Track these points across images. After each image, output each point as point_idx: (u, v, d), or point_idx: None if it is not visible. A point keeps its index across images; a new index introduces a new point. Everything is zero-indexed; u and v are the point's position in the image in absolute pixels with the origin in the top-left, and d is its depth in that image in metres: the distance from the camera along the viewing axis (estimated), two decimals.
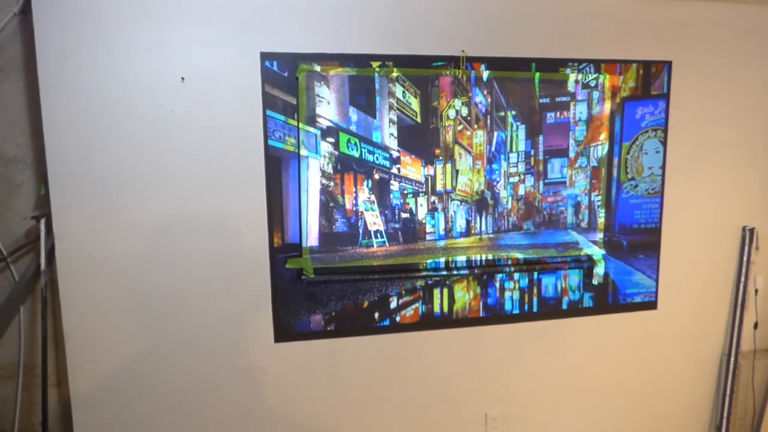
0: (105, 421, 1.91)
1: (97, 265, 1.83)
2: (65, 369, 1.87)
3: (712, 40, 2.24)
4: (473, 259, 2.13)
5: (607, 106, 2.16)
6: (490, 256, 2.15)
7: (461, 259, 2.12)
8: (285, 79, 1.88)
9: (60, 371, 1.97)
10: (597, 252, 2.25)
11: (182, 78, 1.81)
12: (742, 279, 2.41)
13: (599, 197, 2.22)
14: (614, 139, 2.20)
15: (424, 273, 2.09)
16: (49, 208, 1.78)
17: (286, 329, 2.00)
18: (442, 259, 2.10)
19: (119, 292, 1.86)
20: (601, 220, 2.23)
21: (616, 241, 2.27)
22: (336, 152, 1.95)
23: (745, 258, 2.40)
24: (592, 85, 2.14)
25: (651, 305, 2.35)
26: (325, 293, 2.02)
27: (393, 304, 2.09)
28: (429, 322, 2.13)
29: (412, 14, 1.95)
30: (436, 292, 2.12)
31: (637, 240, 2.29)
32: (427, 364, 2.17)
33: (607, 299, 2.29)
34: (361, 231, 2.01)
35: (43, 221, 1.82)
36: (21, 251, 1.90)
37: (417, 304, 2.11)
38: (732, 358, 2.44)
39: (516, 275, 2.19)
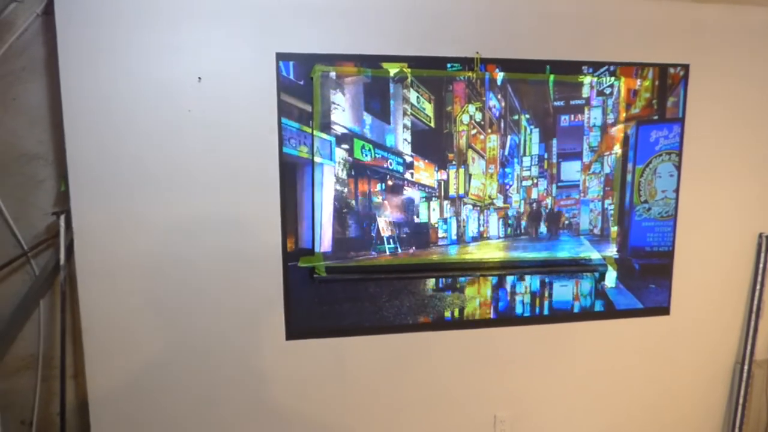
0: (121, 415, 1.95)
1: (115, 261, 1.86)
2: (83, 361, 1.92)
3: (731, 43, 2.20)
4: (484, 263, 2.14)
5: (622, 117, 2.15)
6: (502, 261, 2.15)
7: (473, 262, 2.13)
8: (300, 87, 1.90)
9: (78, 363, 2.01)
10: (610, 269, 2.25)
11: (199, 78, 1.84)
12: (758, 287, 2.38)
13: (612, 205, 2.20)
14: (627, 160, 2.19)
15: (435, 274, 2.10)
16: (69, 204, 1.82)
17: (297, 327, 2.03)
18: (454, 262, 2.11)
19: (136, 288, 1.90)
20: (614, 229, 2.22)
21: (628, 264, 2.26)
22: (350, 158, 1.97)
23: (761, 265, 2.36)
24: (607, 92, 2.12)
25: (663, 311, 2.33)
26: (337, 292, 2.04)
27: (404, 305, 2.10)
28: (439, 323, 2.15)
29: (426, 16, 1.95)
30: (447, 294, 2.13)
31: (650, 264, 2.28)
32: (437, 365, 2.18)
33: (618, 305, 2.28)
34: (374, 236, 2.03)
35: (62, 217, 1.86)
36: (41, 246, 1.94)
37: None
38: (746, 367, 2.41)
39: (527, 278, 2.18)
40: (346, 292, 2.04)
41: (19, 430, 2.02)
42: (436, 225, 2.08)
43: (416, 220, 2.06)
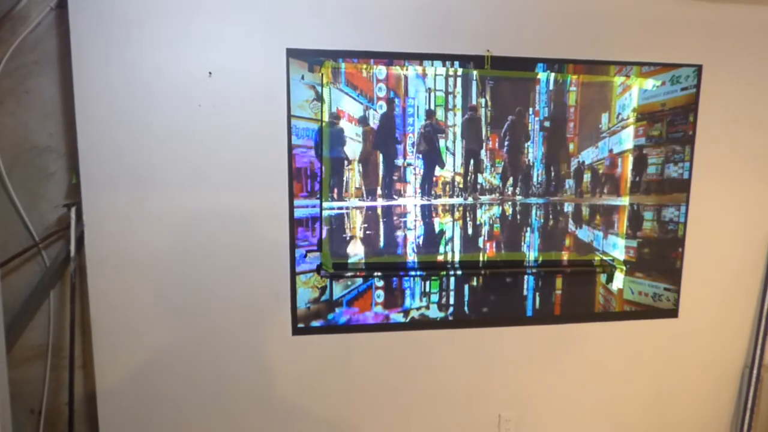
0: (129, 405, 1.97)
1: (125, 253, 1.88)
2: (92, 352, 1.94)
3: (746, 44, 2.17)
4: (491, 262, 2.13)
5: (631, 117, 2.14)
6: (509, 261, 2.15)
7: (480, 259, 2.12)
8: (310, 82, 1.90)
9: (86, 354, 2.03)
10: (619, 263, 2.23)
11: (209, 73, 1.84)
12: None
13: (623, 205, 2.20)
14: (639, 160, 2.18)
15: (443, 272, 2.10)
16: (80, 197, 1.84)
17: (303, 323, 2.03)
18: (461, 260, 2.11)
19: (145, 281, 1.91)
20: (623, 229, 2.21)
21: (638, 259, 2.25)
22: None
23: None
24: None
25: (672, 313, 2.31)
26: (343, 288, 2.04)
27: (410, 302, 2.10)
28: (445, 321, 2.14)
29: (437, 13, 1.94)
30: (454, 292, 2.13)
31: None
32: (442, 363, 2.18)
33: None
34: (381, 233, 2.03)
35: (73, 209, 1.88)
36: (52, 238, 1.96)
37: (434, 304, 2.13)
38: (754, 371, 2.39)
39: (534, 278, 2.17)
40: (353, 286, 2.05)
41: (28, 419, 2.05)
42: (445, 223, 2.08)
43: (424, 218, 2.06)
